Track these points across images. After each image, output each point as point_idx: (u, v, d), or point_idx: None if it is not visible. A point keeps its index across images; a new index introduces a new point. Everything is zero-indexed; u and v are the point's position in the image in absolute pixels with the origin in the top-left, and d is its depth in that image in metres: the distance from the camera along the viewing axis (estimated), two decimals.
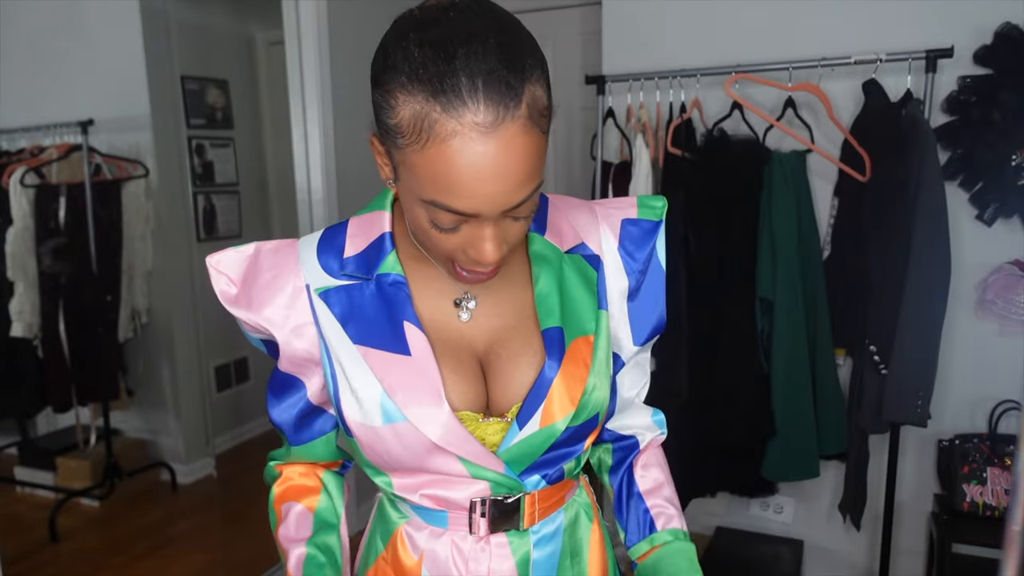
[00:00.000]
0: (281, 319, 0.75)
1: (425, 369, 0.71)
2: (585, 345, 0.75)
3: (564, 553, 0.81)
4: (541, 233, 0.78)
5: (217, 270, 0.77)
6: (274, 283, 0.75)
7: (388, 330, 0.72)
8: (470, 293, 0.76)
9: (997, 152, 1.85)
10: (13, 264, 2.83)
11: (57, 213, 2.87)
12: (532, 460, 0.75)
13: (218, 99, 3.62)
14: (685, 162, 2.02)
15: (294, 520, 0.83)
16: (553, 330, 0.74)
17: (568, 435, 0.74)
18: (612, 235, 0.81)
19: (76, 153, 2.92)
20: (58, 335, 2.87)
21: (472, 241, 0.64)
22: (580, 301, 0.76)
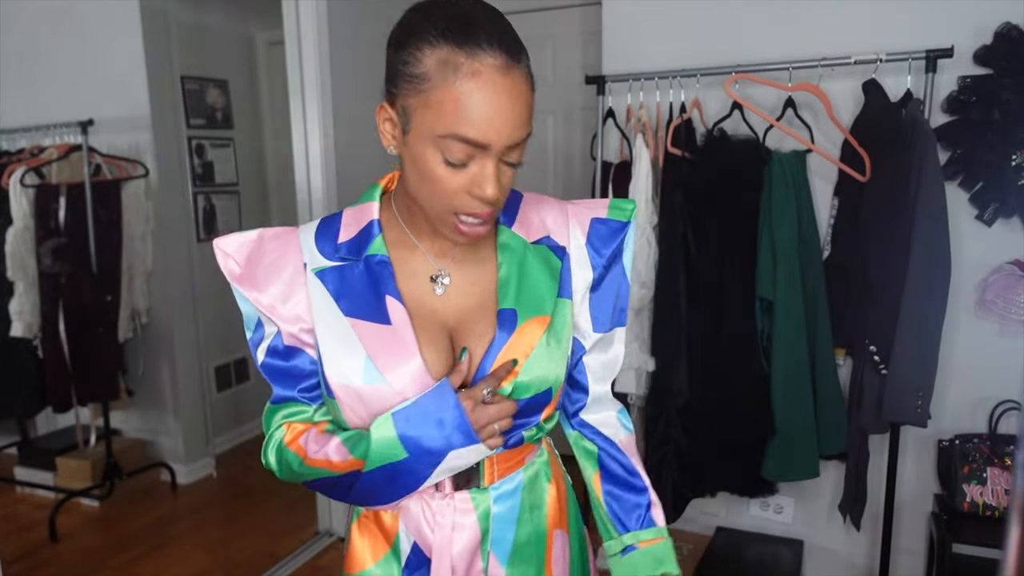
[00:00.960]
0: (282, 296, 0.84)
1: (403, 336, 0.81)
2: (539, 325, 0.84)
3: (523, 507, 0.90)
4: (509, 225, 0.88)
5: (224, 252, 0.86)
6: (277, 264, 0.85)
7: (373, 303, 0.82)
8: (445, 270, 0.86)
9: (997, 152, 1.85)
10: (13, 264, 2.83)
11: (57, 213, 2.87)
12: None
13: (218, 99, 3.62)
14: (685, 162, 2.02)
15: (315, 437, 0.85)
16: (507, 311, 0.84)
17: (523, 405, 0.84)
18: (581, 232, 0.91)
19: (76, 153, 2.93)
20: (58, 335, 2.87)
21: (476, 180, 0.74)
22: (540, 285, 0.86)
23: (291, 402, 0.88)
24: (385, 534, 0.89)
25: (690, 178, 2.02)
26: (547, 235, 0.89)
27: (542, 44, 3.22)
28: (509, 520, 0.89)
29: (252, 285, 0.84)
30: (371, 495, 0.84)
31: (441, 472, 0.81)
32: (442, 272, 0.86)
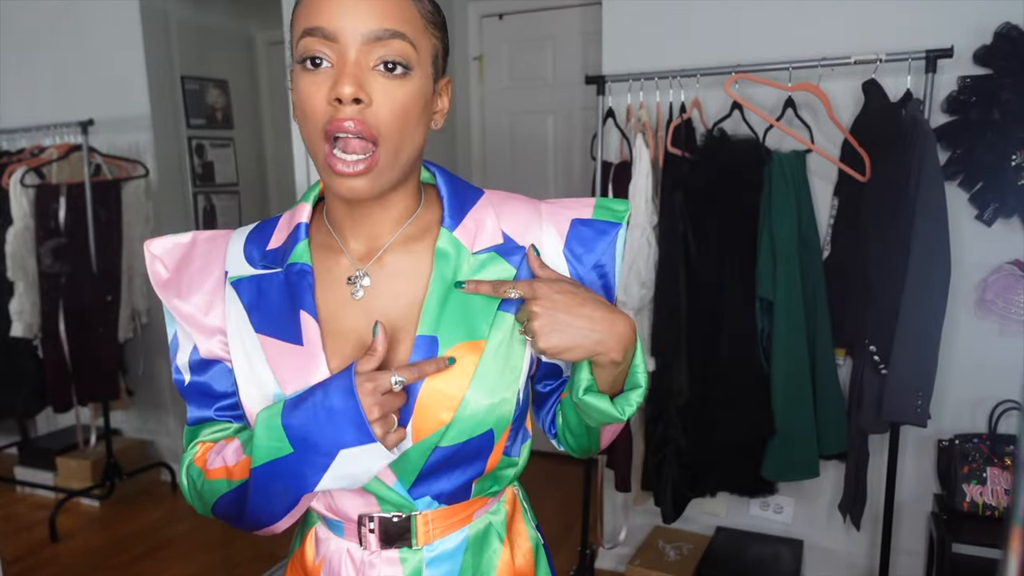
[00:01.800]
0: (204, 306, 0.77)
1: (314, 358, 0.71)
2: (470, 351, 0.71)
3: (464, 573, 0.77)
4: (451, 228, 0.75)
5: (152, 254, 0.78)
6: (203, 270, 0.77)
7: (287, 319, 0.72)
8: (363, 271, 0.74)
9: (997, 152, 1.85)
10: (13, 264, 2.83)
11: (57, 213, 2.87)
12: (415, 477, 0.72)
13: (218, 99, 3.62)
14: (685, 162, 2.02)
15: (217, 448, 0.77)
16: (424, 339, 0.71)
17: (454, 451, 0.71)
18: (558, 235, 0.77)
19: (76, 153, 2.93)
20: (58, 335, 2.87)
21: (335, 77, 0.64)
22: (475, 305, 0.72)
23: (209, 422, 0.80)
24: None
25: (690, 178, 2.02)
26: (502, 242, 0.75)
27: (542, 44, 3.22)
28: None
29: (175, 292, 0.77)
30: (259, 507, 0.71)
31: (334, 480, 0.67)
32: (360, 273, 0.74)
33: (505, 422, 0.73)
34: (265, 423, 0.68)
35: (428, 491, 0.74)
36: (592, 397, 0.71)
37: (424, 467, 0.72)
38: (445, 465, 0.73)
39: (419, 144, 0.71)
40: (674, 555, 2.25)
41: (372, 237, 0.75)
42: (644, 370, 0.73)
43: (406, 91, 0.66)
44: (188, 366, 0.80)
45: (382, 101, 0.65)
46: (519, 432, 0.79)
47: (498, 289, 0.70)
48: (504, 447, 0.75)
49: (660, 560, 2.23)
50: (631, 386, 0.73)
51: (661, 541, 2.33)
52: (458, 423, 0.70)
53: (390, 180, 0.69)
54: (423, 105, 0.69)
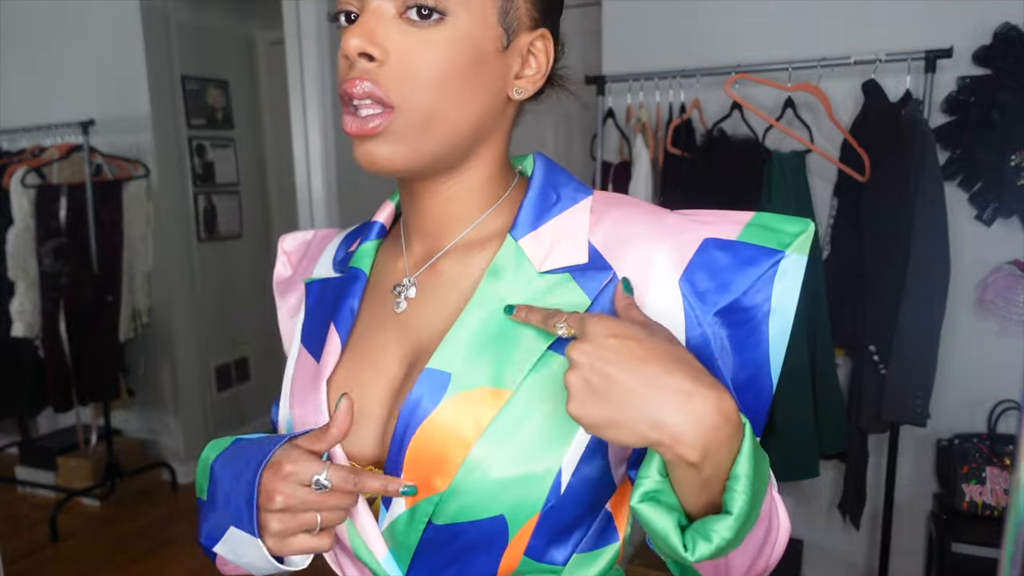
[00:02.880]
0: (293, 309, 0.71)
1: (318, 384, 0.60)
2: (485, 403, 0.53)
3: None
4: (518, 237, 0.57)
5: (283, 250, 0.75)
6: (303, 271, 0.72)
7: (320, 329, 0.63)
8: (413, 280, 0.61)
9: (996, 152, 1.85)
10: (14, 264, 2.83)
11: (58, 213, 2.88)
12: (411, 557, 0.56)
13: (218, 99, 3.62)
14: (685, 162, 2.03)
15: None
16: (434, 373, 0.54)
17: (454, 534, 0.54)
18: (676, 257, 0.54)
19: (77, 153, 2.93)
20: (59, 335, 2.88)
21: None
22: (516, 341, 0.54)
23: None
24: None
25: (690, 178, 2.02)
26: (585, 261, 0.56)
27: None
28: None
29: (282, 291, 0.72)
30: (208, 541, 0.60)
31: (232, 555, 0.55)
32: (408, 282, 0.61)
33: (527, 508, 0.52)
34: (204, 455, 0.59)
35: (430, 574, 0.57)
36: (651, 509, 0.47)
37: (419, 546, 0.55)
38: (445, 551, 0.55)
39: (475, 115, 0.55)
40: None
41: (435, 238, 0.61)
42: (749, 487, 0.45)
43: (440, 41, 0.51)
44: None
45: (403, 55, 0.51)
46: (566, 533, 0.56)
47: (548, 321, 0.50)
48: (528, 545, 0.54)
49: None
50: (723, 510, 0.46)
51: None
52: (458, 496, 0.52)
53: (427, 154, 0.54)
54: (474, 61, 0.53)
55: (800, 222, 0.55)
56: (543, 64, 0.59)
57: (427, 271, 0.60)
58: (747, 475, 0.45)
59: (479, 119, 0.56)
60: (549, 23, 0.59)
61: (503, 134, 0.60)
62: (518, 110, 0.62)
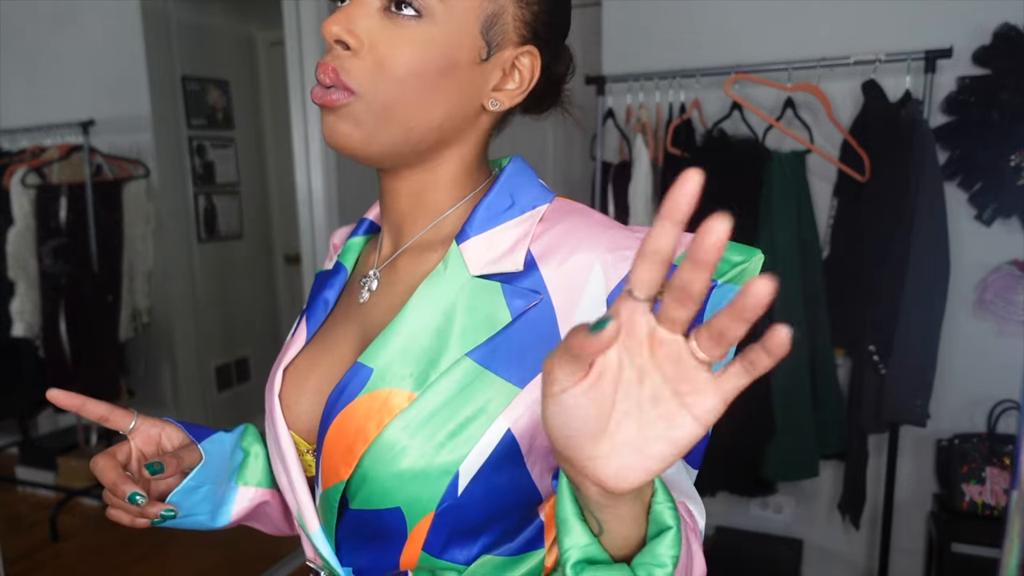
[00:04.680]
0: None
1: (277, 367, 0.65)
2: (394, 401, 0.54)
3: None
4: (460, 240, 0.58)
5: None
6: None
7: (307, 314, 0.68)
8: (376, 272, 0.64)
9: (996, 152, 1.85)
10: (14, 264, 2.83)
11: (58, 213, 2.88)
12: (332, 531, 0.59)
13: (218, 99, 3.62)
14: (685, 162, 2.03)
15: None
16: (359, 367, 0.56)
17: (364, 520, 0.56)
18: (613, 273, 0.55)
19: (77, 153, 2.93)
20: (59, 335, 2.88)
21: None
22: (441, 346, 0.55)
23: None
24: None
25: None
26: (520, 270, 0.56)
27: None
28: None
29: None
30: None
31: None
32: (372, 275, 0.64)
33: (422, 505, 0.53)
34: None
35: (353, 561, 0.60)
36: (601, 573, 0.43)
37: (338, 525, 0.58)
38: (360, 534, 0.58)
39: (439, 116, 0.56)
40: None
41: (398, 234, 0.63)
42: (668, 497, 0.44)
43: (414, 41, 0.53)
44: None
45: (375, 47, 0.53)
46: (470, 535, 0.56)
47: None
48: (425, 540, 0.55)
49: None
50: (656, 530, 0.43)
51: None
52: (361, 484, 0.55)
53: (384, 143, 0.56)
54: (445, 66, 0.55)
55: (747, 251, 0.55)
56: (526, 80, 0.60)
57: (388, 266, 0.63)
58: (662, 487, 0.44)
59: (443, 121, 0.57)
60: (541, 43, 0.59)
61: (475, 139, 0.61)
62: (500, 119, 0.63)
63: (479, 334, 0.55)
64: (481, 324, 0.55)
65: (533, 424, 0.54)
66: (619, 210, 2.16)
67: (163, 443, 0.66)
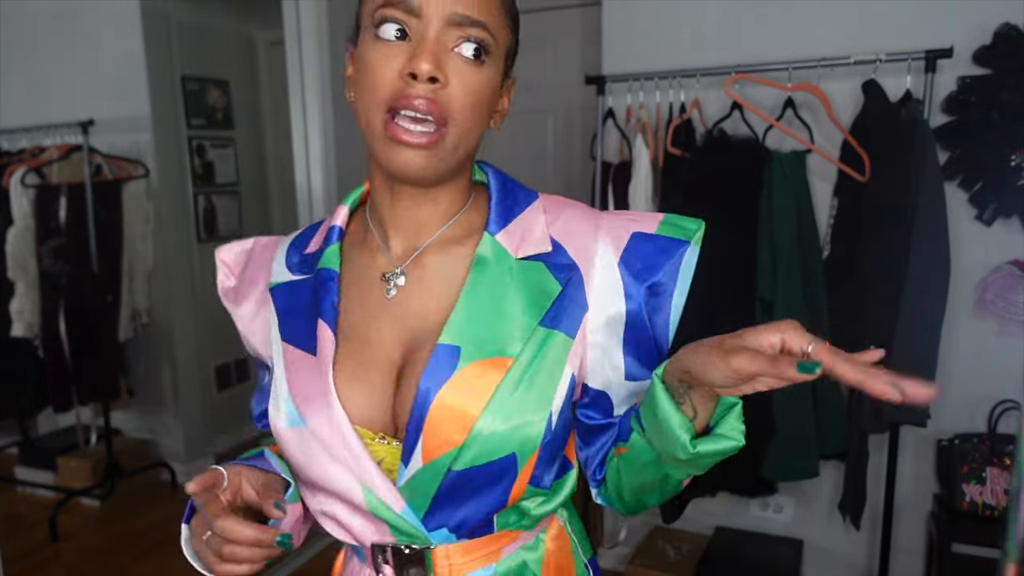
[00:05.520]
0: (250, 316, 0.78)
1: (323, 372, 0.67)
2: (494, 368, 0.64)
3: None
4: (494, 232, 0.69)
5: (221, 261, 0.81)
6: (251, 279, 0.78)
7: (307, 327, 0.70)
8: (401, 269, 0.70)
9: (996, 152, 1.85)
10: (14, 264, 2.83)
11: (58, 213, 2.87)
12: (429, 503, 0.66)
13: (218, 99, 3.62)
14: (685, 162, 2.03)
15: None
16: (445, 348, 0.64)
17: (471, 476, 0.65)
18: (613, 247, 0.70)
19: (77, 153, 2.93)
20: (59, 335, 2.88)
21: (411, 54, 0.61)
22: (509, 317, 0.66)
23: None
24: None
25: (690, 178, 2.02)
26: (550, 250, 0.69)
27: (542, 44, 3.22)
28: None
29: (233, 300, 0.79)
30: None
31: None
32: (397, 272, 0.70)
33: (530, 445, 0.65)
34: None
35: (445, 522, 0.67)
36: (710, 445, 0.61)
37: (438, 492, 0.66)
38: (462, 492, 0.66)
39: (478, 138, 0.67)
40: (674, 555, 2.25)
41: (414, 235, 0.71)
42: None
43: (480, 79, 0.63)
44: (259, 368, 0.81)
45: (458, 84, 0.62)
46: (553, 462, 0.70)
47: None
48: (531, 475, 0.67)
49: (660, 560, 2.23)
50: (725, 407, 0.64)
51: (661, 541, 2.33)
52: (473, 444, 0.64)
53: (446, 167, 0.65)
54: (491, 98, 0.66)
55: (696, 222, 0.73)
56: (507, 104, 0.72)
57: (413, 263, 0.70)
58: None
59: (478, 143, 0.68)
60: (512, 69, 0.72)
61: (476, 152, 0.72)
62: None
63: (540, 302, 0.67)
64: (537, 294, 0.67)
65: (579, 367, 0.69)
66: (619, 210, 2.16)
67: (244, 487, 0.67)
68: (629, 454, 0.68)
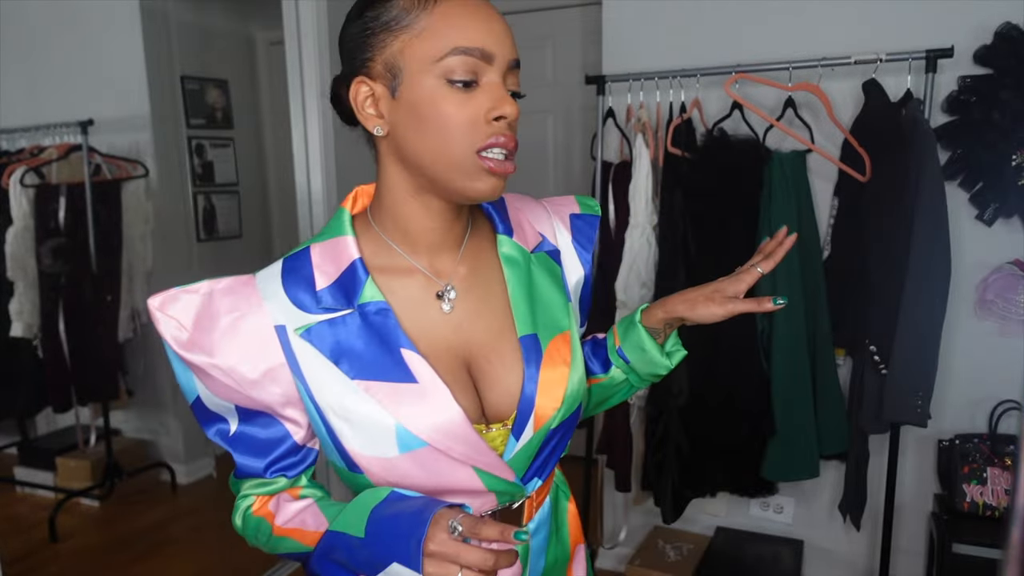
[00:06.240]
0: (248, 365, 0.71)
1: (436, 392, 0.71)
2: (563, 342, 0.80)
3: (551, 532, 0.88)
4: (509, 235, 0.82)
5: (165, 314, 0.71)
6: (237, 326, 0.71)
7: (387, 360, 0.71)
8: (450, 284, 0.77)
9: (997, 152, 1.85)
10: (13, 264, 2.83)
11: (57, 213, 2.87)
12: (530, 462, 0.79)
13: (218, 99, 3.62)
14: (685, 162, 2.02)
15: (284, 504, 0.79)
16: (528, 337, 0.78)
17: (559, 430, 0.80)
18: (565, 229, 0.89)
19: (76, 153, 2.93)
20: (58, 335, 2.87)
21: (492, 101, 0.69)
22: (552, 300, 0.82)
23: (257, 476, 0.79)
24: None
25: (690, 178, 2.01)
26: (543, 239, 0.85)
27: (542, 44, 3.22)
28: (541, 549, 0.86)
29: (205, 350, 0.70)
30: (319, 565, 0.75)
31: None
32: (448, 287, 0.77)
33: (585, 394, 0.83)
34: (361, 500, 0.71)
35: (536, 473, 0.81)
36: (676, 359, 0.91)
37: (539, 451, 0.79)
38: (551, 445, 0.81)
39: None
40: (674, 555, 2.25)
41: (449, 249, 0.78)
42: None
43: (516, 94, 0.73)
44: (236, 416, 0.76)
45: (516, 117, 0.71)
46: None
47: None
48: (587, 408, 0.88)
49: (660, 560, 2.23)
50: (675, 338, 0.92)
51: (661, 541, 2.33)
52: (565, 403, 0.78)
53: None
54: None
55: (592, 199, 0.95)
56: None
57: (455, 275, 0.78)
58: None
59: None
60: None
61: None
62: None
63: (556, 283, 0.84)
64: (553, 277, 0.84)
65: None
66: (619, 210, 2.15)
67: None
68: (606, 383, 0.92)
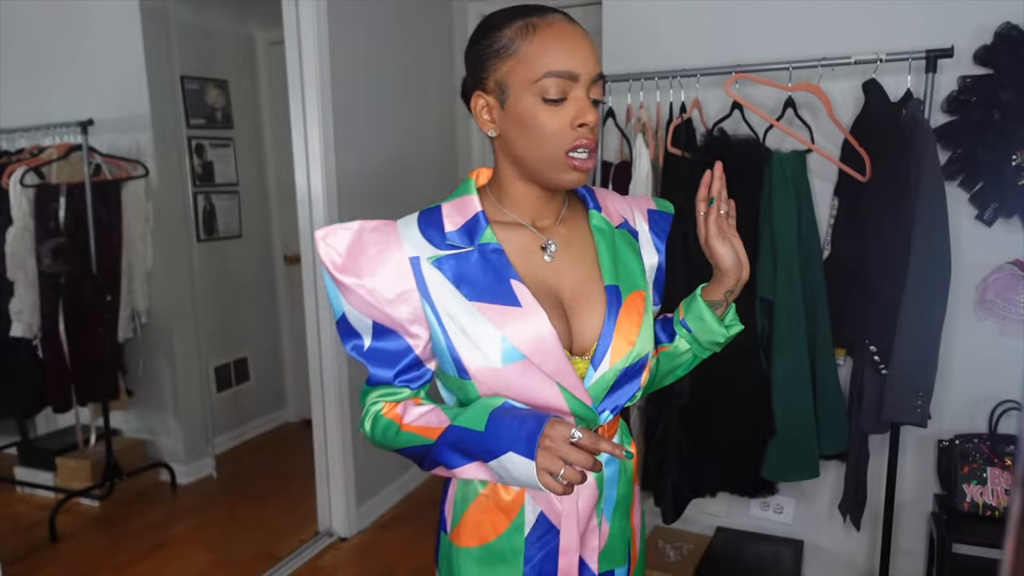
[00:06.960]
0: (387, 287, 0.90)
1: (534, 315, 0.89)
2: (639, 298, 0.97)
3: (621, 467, 1.02)
4: (599, 211, 1.01)
5: (326, 242, 0.91)
6: (380, 256, 0.91)
7: (499, 288, 0.90)
8: (551, 240, 0.97)
9: (997, 152, 1.85)
10: (13, 264, 2.83)
11: (57, 213, 2.87)
12: (603, 395, 0.94)
13: (218, 99, 3.62)
14: (685, 162, 2.02)
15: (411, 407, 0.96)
16: (611, 287, 0.95)
17: (628, 372, 0.95)
18: (644, 220, 1.07)
19: (76, 153, 2.93)
20: (58, 335, 2.87)
21: (577, 112, 0.87)
22: (630, 264, 1.00)
23: (386, 385, 0.97)
24: (505, 512, 0.96)
25: (690, 178, 2.01)
26: (624, 220, 1.03)
27: None
28: (613, 480, 1.00)
29: (354, 273, 0.90)
30: (440, 455, 0.91)
31: (494, 469, 0.86)
32: (550, 242, 0.97)
33: (653, 347, 0.99)
34: (481, 404, 0.89)
35: (607, 406, 0.95)
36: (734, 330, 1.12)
37: (612, 386, 0.94)
38: (622, 383, 0.95)
39: None
40: (674, 555, 2.25)
41: (549, 216, 0.98)
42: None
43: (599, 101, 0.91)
44: (371, 333, 0.94)
45: (596, 123, 0.89)
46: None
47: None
48: (651, 367, 1.02)
49: (660, 560, 2.23)
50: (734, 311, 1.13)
51: (661, 541, 2.33)
52: (636, 346, 0.94)
53: None
54: None
55: (667, 201, 1.13)
56: None
57: (555, 235, 0.98)
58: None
59: None
60: None
61: None
62: None
63: (636, 253, 1.02)
64: (632, 248, 1.02)
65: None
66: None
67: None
68: (672, 351, 1.09)
